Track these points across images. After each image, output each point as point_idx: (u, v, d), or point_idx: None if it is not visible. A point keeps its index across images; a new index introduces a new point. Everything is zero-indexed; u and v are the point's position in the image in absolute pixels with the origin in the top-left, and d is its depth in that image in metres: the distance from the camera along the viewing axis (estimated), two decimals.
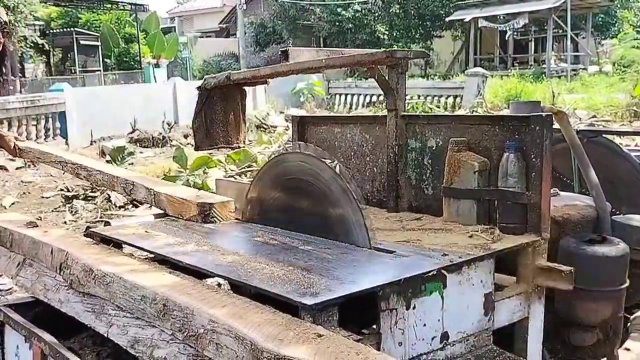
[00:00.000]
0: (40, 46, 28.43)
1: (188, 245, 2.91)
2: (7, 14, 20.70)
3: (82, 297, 2.56)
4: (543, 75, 26.54)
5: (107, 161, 11.77)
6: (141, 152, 15.88)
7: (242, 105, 4.30)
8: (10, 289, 4.98)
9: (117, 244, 3.16)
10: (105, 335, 2.36)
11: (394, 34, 32.22)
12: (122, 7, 31.65)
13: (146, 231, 3.23)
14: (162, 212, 3.64)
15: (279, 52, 3.85)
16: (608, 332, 3.26)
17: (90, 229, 3.37)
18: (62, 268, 2.71)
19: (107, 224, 3.61)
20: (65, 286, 2.68)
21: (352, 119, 4.01)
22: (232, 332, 1.84)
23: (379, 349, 2.21)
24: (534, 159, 2.82)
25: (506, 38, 31.87)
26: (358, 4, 32.59)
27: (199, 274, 2.53)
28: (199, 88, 4.21)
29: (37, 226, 3.35)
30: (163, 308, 2.13)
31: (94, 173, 4.00)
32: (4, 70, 4.57)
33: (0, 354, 3.00)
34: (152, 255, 2.96)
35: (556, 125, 3.22)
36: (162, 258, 2.82)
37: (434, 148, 3.35)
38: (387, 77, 3.45)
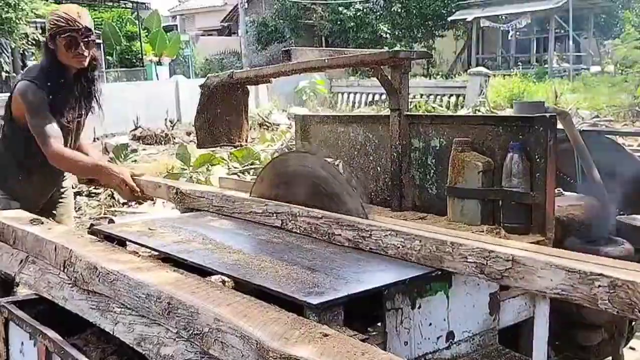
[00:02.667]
0: (42, 44, 28.40)
1: (192, 243, 2.91)
2: (8, 11, 20.71)
3: (87, 295, 2.56)
4: (545, 75, 26.56)
5: (110, 158, 11.76)
6: (144, 149, 15.94)
7: (245, 104, 4.30)
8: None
9: (121, 242, 3.16)
10: (112, 333, 2.36)
11: (396, 33, 32.24)
12: (123, 5, 31.68)
13: (150, 229, 3.24)
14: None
15: (282, 52, 3.85)
16: (613, 331, 3.27)
17: (94, 227, 3.37)
18: (65, 266, 2.71)
19: (110, 221, 3.62)
20: (70, 284, 2.68)
21: (355, 118, 4.02)
22: (238, 331, 1.84)
23: (384, 348, 2.21)
24: (538, 159, 2.82)
25: (508, 38, 31.88)
26: (360, 3, 32.63)
27: (204, 272, 2.54)
28: (201, 86, 4.22)
29: (42, 223, 3.35)
30: (168, 306, 2.13)
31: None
32: (94, 83, 4.23)
33: (5, 351, 3.00)
34: (156, 253, 2.96)
35: (560, 126, 3.23)
36: (167, 256, 2.82)
37: (437, 148, 3.36)
38: (390, 77, 3.45)
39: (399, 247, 2.49)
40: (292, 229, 2.98)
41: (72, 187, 4.59)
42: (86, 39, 3.99)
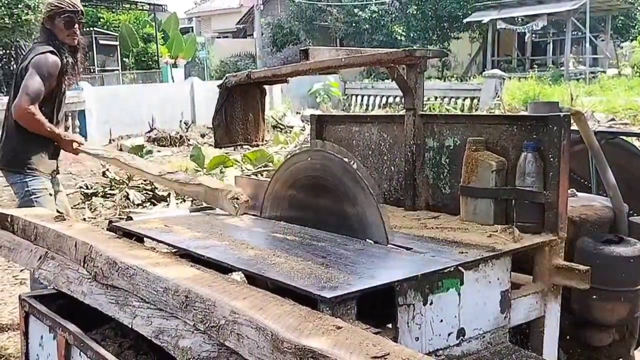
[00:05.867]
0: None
1: (209, 239, 2.96)
2: (27, 13, 20.86)
3: (106, 289, 2.60)
4: (561, 77, 26.42)
5: None
6: (159, 151, 16.01)
7: (262, 104, 4.35)
8: None
9: (139, 238, 3.22)
10: (130, 326, 2.40)
11: (411, 35, 32.14)
12: (140, 8, 31.79)
13: (167, 226, 3.29)
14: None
15: (299, 51, 3.89)
16: (624, 332, 3.28)
17: (112, 224, 3.43)
18: (86, 261, 2.75)
19: (129, 218, 3.67)
20: (89, 279, 2.73)
21: (370, 118, 4.04)
22: (253, 323, 1.88)
23: (396, 343, 2.24)
24: (551, 159, 2.84)
25: (524, 40, 31.78)
26: (375, 5, 32.57)
27: (220, 268, 2.58)
28: (219, 86, 4.27)
29: (65, 219, 3.42)
30: (185, 299, 2.17)
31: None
32: (78, 61, 4.64)
33: (25, 344, 3.06)
34: (174, 249, 3.01)
35: (574, 127, 3.25)
36: (184, 252, 2.87)
37: (451, 147, 3.38)
38: (405, 77, 3.48)
39: None
40: None
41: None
42: (80, 21, 4.74)
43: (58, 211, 4.25)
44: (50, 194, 4.67)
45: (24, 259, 3.27)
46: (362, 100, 25.83)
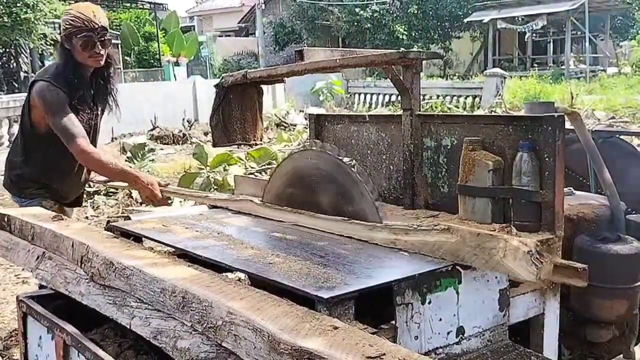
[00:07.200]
0: (58, 44, 28.51)
1: (207, 239, 2.97)
2: (26, 12, 20.84)
3: (103, 290, 2.60)
4: (562, 76, 26.46)
5: (128, 158, 11.83)
6: (161, 149, 16.00)
7: (259, 103, 4.36)
8: None
9: (137, 238, 3.22)
10: (128, 327, 2.40)
11: (413, 35, 32.18)
12: (141, 6, 31.82)
13: (165, 225, 3.29)
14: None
15: (294, 52, 3.90)
16: (624, 329, 3.29)
17: (110, 223, 3.43)
18: (83, 261, 2.76)
19: (127, 218, 3.66)
20: (86, 279, 2.73)
21: (368, 118, 4.04)
22: (250, 324, 1.88)
23: (395, 342, 2.25)
24: (547, 158, 2.84)
25: (525, 39, 31.82)
26: (376, 4, 32.58)
27: (218, 268, 2.58)
28: (216, 86, 4.27)
29: (62, 219, 3.41)
30: (182, 300, 2.17)
31: None
32: (110, 83, 4.10)
33: (24, 344, 3.06)
34: (171, 249, 3.01)
35: (571, 126, 3.25)
36: (182, 252, 2.87)
37: (449, 147, 3.38)
38: (402, 77, 3.48)
39: None
40: None
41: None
42: (102, 39, 3.97)
43: None
44: None
45: (21, 259, 3.27)
46: (364, 98, 25.82)
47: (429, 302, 2.41)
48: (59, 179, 4.19)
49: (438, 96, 22.85)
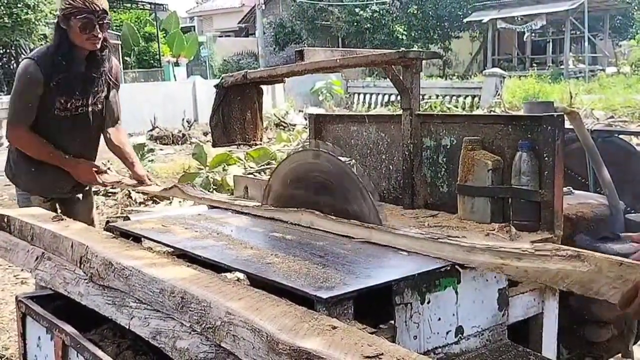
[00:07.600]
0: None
1: (206, 239, 2.96)
2: (27, 12, 20.87)
3: (103, 290, 2.60)
4: (561, 75, 26.48)
5: None
6: (161, 150, 16.02)
7: (259, 103, 4.35)
8: None
9: (137, 238, 3.22)
10: (127, 327, 2.40)
11: (412, 35, 32.22)
12: (141, 7, 31.84)
13: (164, 225, 3.29)
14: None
15: (295, 52, 3.90)
16: (623, 328, 3.29)
17: (110, 224, 3.42)
18: (82, 262, 2.76)
19: (126, 218, 3.66)
20: (85, 279, 2.73)
21: (368, 118, 4.04)
22: (249, 324, 1.88)
23: (394, 342, 2.25)
24: (546, 158, 2.85)
25: (524, 39, 31.85)
26: (376, 4, 32.61)
27: (217, 268, 2.58)
28: (216, 86, 4.27)
29: (63, 219, 3.41)
30: (181, 301, 2.17)
31: None
32: (105, 69, 4.05)
33: (22, 345, 3.06)
34: (170, 250, 3.01)
35: (570, 125, 3.26)
36: (181, 252, 2.87)
37: (448, 147, 3.38)
38: (401, 77, 3.48)
39: None
40: None
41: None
42: (101, 22, 3.89)
43: None
44: None
45: (20, 260, 3.26)
46: (364, 98, 25.83)
47: (428, 302, 2.41)
48: (43, 163, 4.13)
49: (437, 96, 22.87)
